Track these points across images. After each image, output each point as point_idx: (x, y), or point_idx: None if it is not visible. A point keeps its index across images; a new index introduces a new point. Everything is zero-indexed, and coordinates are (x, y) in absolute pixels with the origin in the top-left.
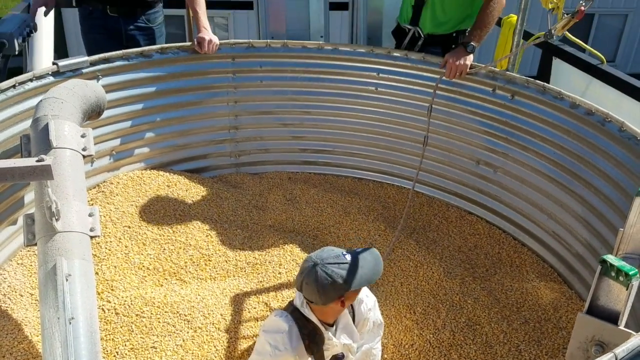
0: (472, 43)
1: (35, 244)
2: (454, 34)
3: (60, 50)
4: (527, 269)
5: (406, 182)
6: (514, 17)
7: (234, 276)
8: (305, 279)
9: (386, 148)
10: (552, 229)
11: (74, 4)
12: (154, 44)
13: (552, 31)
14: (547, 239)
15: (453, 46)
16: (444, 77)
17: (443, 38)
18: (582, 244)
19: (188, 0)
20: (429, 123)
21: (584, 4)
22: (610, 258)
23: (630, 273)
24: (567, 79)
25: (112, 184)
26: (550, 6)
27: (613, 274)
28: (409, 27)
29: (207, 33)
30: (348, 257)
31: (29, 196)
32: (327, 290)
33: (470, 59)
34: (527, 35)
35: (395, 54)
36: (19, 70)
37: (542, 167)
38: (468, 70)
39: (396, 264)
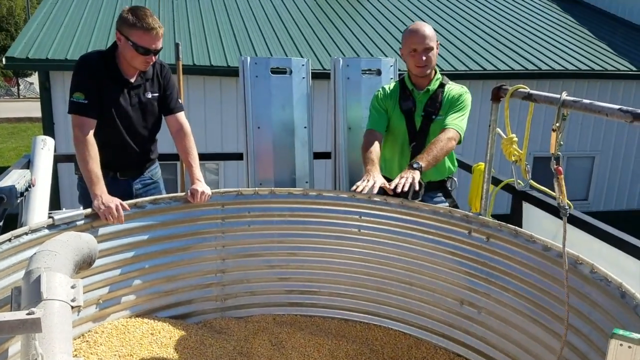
0: (418, 162)
1: None
2: (447, 178)
3: (54, 201)
4: None
5: (392, 323)
6: (482, 165)
7: None
8: None
9: (371, 288)
10: None
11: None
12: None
13: (560, 203)
14: None
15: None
16: (391, 187)
17: (439, 183)
18: None
19: (182, 155)
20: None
21: (555, 163)
22: None
23: None
24: (538, 222)
25: (96, 333)
26: (513, 158)
27: None
28: None
29: (201, 185)
30: None
31: (13, 348)
32: None
33: (418, 175)
34: (497, 182)
35: (375, 199)
36: (14, 217)
37: (523, 308)
38: (416, 184)
39: None
